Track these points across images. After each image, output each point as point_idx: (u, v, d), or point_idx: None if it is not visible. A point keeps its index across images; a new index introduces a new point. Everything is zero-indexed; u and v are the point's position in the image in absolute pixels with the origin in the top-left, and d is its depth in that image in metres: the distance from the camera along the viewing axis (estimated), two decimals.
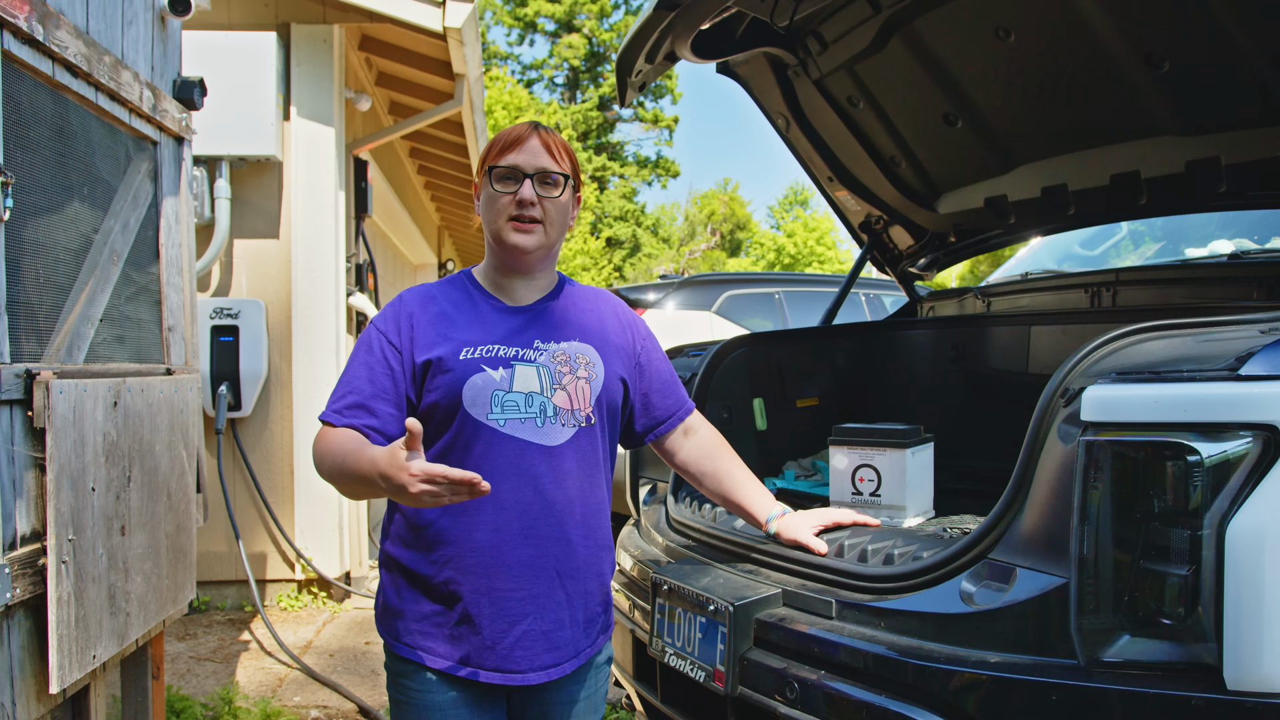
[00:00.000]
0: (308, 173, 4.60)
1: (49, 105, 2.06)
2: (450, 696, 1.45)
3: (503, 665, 1.44)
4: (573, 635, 1.50)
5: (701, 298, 6.37)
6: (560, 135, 1.54)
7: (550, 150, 1.49)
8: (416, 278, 9.99)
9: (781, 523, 1.75)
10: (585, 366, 1.51)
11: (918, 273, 3.40)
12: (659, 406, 1.69)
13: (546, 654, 1.46)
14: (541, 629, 1.45)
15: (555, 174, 1.48)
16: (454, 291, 1.56)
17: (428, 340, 1.46)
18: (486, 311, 1.52)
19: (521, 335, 1.50)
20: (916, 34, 2.47)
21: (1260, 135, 2.19)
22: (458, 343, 1.46)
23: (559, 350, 1.50)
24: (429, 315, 1.49)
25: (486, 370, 1.44)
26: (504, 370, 1.45)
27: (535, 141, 1.48)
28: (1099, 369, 1.30)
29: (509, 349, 1.47)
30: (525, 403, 1.44)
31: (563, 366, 1.49)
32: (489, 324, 1.50)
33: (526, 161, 1.47)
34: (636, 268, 31.40)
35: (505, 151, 1.48)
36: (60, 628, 1.84)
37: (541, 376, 1.47)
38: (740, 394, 2.65)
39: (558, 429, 1.46)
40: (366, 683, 3.55)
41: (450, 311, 1.51)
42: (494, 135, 1.85)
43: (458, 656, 1.44)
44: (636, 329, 1.68)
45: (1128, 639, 1.17)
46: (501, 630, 1.43)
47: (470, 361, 1.44)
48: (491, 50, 32.30)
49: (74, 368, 2.08)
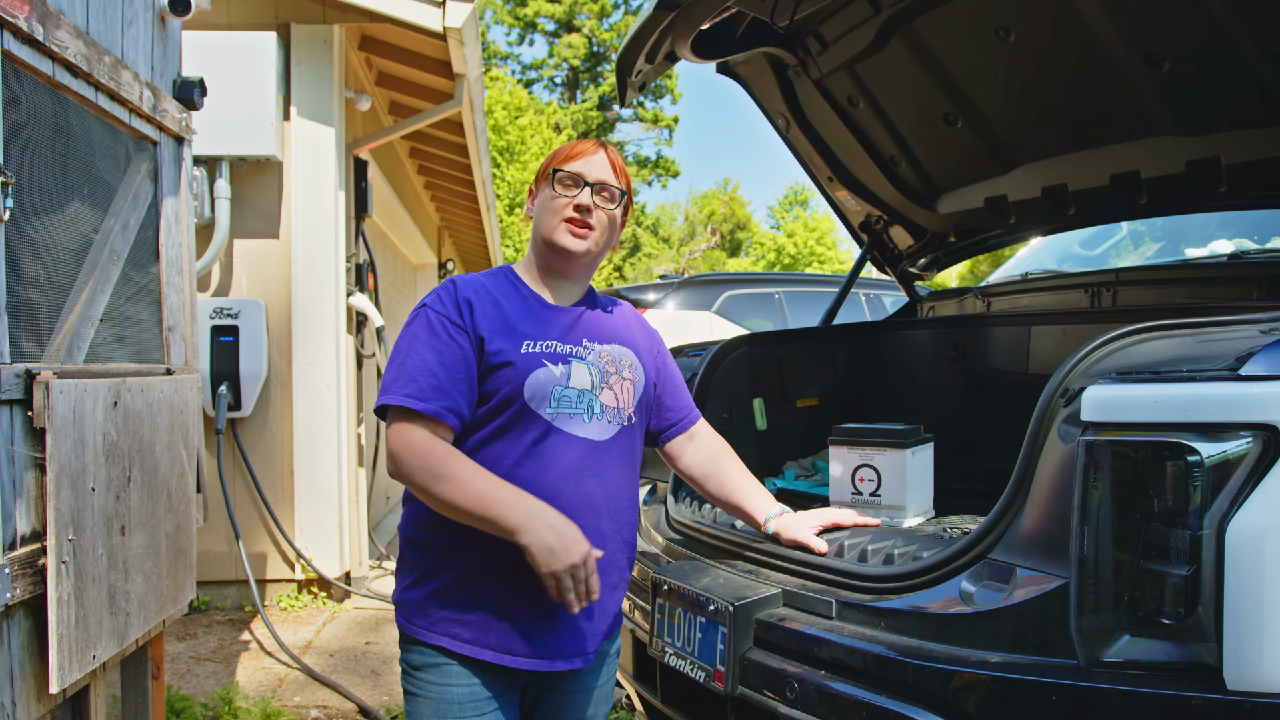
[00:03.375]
0: (308, 173, 4.60)
1: (49, 105, 2.06)
2: (470, 688, 1.46)
3: (534, 652, 1.46)
4: (599, 626, 1.54)
5: (701, 298, 6.38)
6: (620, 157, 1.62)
7: (614, 167, 1.58)
8: (416, 278, 9.99)
9: (780, 522, 1.76)
10: (629, 369, 1.58)
11: (918, 273, 3.41)
12: (671, 409, 1.74)
13: (574, 642, 1.49)
14: (572, 618, 1.48)
15: (614, 188, 1.56)
16: (501, 284, 1.58)
17: (488, 327, 1.48)
18: (536, 308, 1.56)
19: (571, 334, 1.55)
20: (916, 34, 2.47)
21: (1260, 135, 2.19)
22: (518, 336, 1.49)
23: (605, 351, 1.56)
24: (483, 302, 1.51)
25: (548, 365, 1.47)
26: (562, 366, 1.49)
27: (601, 156, 1.57)
28: (1099, 369, 1.30)
29: (564, 346, 1.52)
30: (578, 399, 1.49)
31: (610, 367, 1.55)
32: (542, 320, 1.54)
33: (589, 171, 1.55)
34: (636, 268, 31.40)
35: (571, 159, 1.56)
36: (60, 628, 1.84)
37: (592, 374, 1.52)
38: (740, 394, 2.65)
39: (604, 426, 1.51)
40: (366, 683, 3.55)
41: (501, 302, 1.53)
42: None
43: (485, 643, 1.45)
44: (654, 337, 1.76)
45: (1128, 639, 1.17)
46: (537, 617, 1.46)
47: (532, 355, 1.47)
48: (491, 50, 32.31)
49: (74, 368, 2.08)
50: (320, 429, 4.60)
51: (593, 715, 1.62)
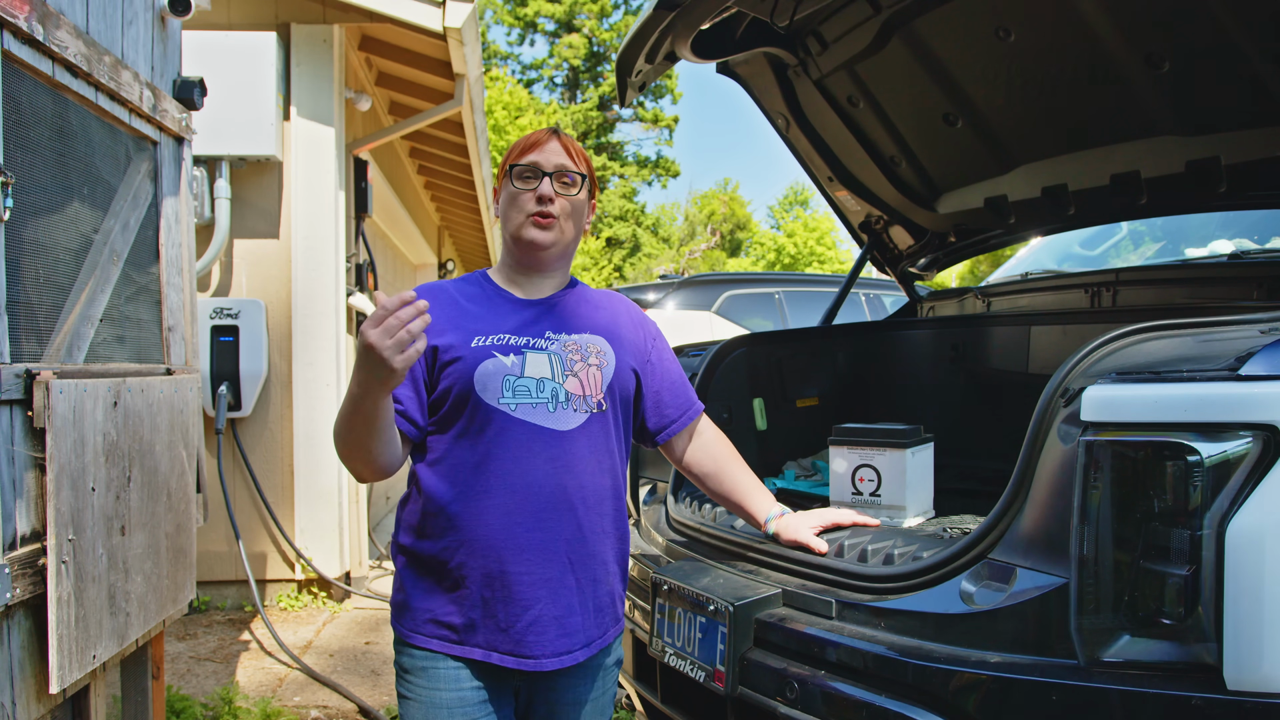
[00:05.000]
0: (308, 173, 4.60)
1: (49, 105, 2.06)
2: (462, 692, 1.46)
3: (517, 650, 1.45)
4: (584, 622, 1.51)
5: (701, 298, 6.38)
6: (576, 141, 1.62)
7: (568, 151, 1.57)
8: (416, 278, 9.99)
9: (780, 522, 1.76)
10: (596, 355, 1.56)
11: (918, 273, 3.40)
12: (670, 405, 1.72)
13: (559, 640, 1.47)
14: (554, 614, 1.47)
15: (573, 173, 1.56)
16: (468, 287, 1.60)
17: (438, 327, 1.49)
18: (500, 304, 1.57)
19: (533, 326, 1.54)
20: (916, 34, 2.47)
21: (1260, 135, 2.19)
22: (469, 331, 1.50)
23: (570, 340, 1.55)
24: (439, 304, 1.53)
25: (498, 356, 1.47)
26: (515, 357, 1.48)
27: (555, 143, 1.57)
28: (1099, 369, 1.30)
29: (520, 338, 1.51)
30: (536, 388, 1.48)
31: (574, 355, 1.53)
32: (501, 315, 1.54)
33: (546, 160, 1.54)
34: (636, 268, 31.40)
35: (525, 152, 1.56)
36: (60, 628, 1.84)
37: (553, 363, 1.50)
38: (740, 394, 2.65)
39: (569, 414, 1.49)
40: (366, 683, 3.55)
41: (462, 303, 1.55)
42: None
43: (472, 641, 1.45)
44: (647, 328, 1.73)
45: (1128, 639, 1.17)
46: (515, 614, 1.45)
47: (482, 349, 1.48)
48: (491, 50, 32.30)
49: (74, 368, 2.08)
50: (320, 429, 4.60)
51: None
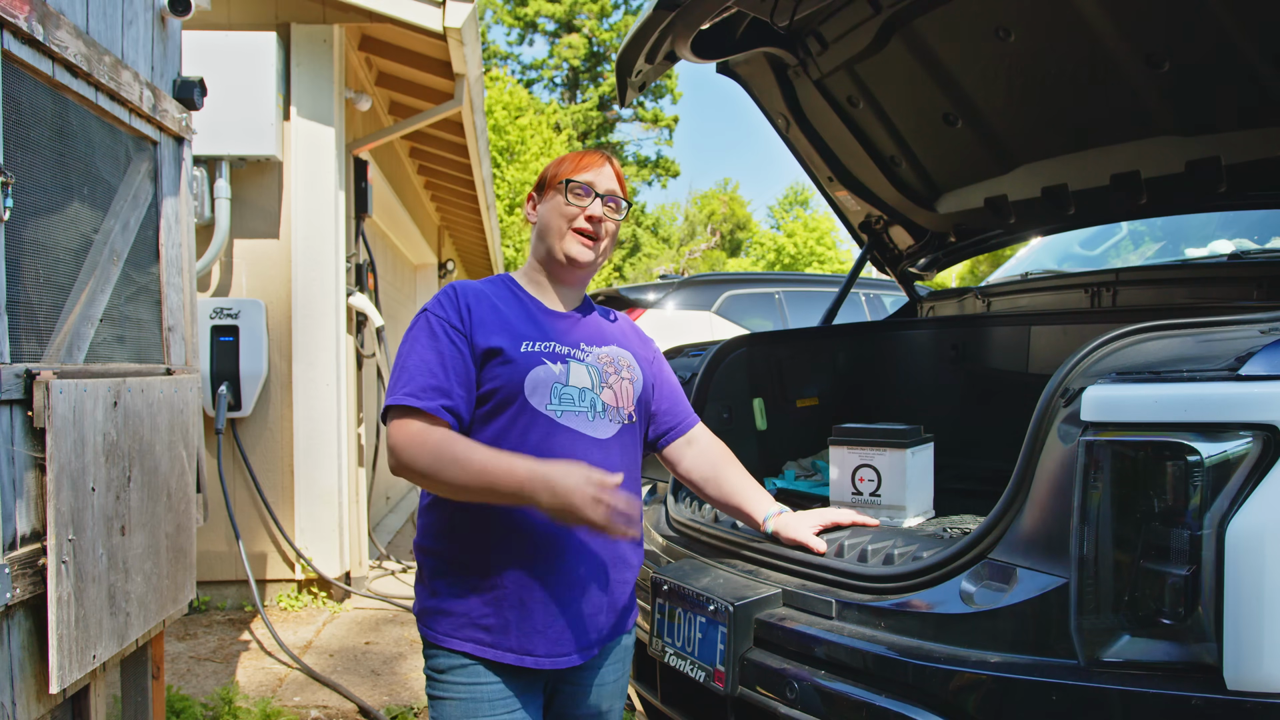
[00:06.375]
0: (308, 173, 4.60)
1: (49, 105, 2.06)
2: (496, 688, 1.47)
3: (553, 650, 1.48)
4: (609, 620, 1.56)
5: (701, 298, 6.37)
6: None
7: (619, 179, 1.65)
8: (416, 278, 9.99)
9: (779, 521, 1.77)
10: (627, 369, 1.62)
11: (918, 273, 3.40)
12: (668, 415, 1.77)
13: (589, 635, 1.52)
14: (587, 613, 1.50)
15: (620, 200, 1.63)
16: (500, 290, 1.63)
17: (486, 329, 1.51)
18: (535, 313, 1.60)
19: (569, 336, 1.59)
20: (916, 34, 2.47)
21: (1260, 135, 2.19)
22: (516, 336, 1.52)
23: (602, 353, 1.60)
24: (484, 306, 1.55)
25: (547, 364, 1.51)
26: (561, 365, 1.52)
27: (609, 169, 1.63)
28: (1099, 369, 1.30)
29: (563, 347, 1.55)
30: (579, 397, 1.52)
31: (608, 367, 1.59)
32: (539, 324, 1.58)
33: (600, 182, 1.60)
34: (636, 268, 31.40)
35: (580, 170, 1.60)
36: (60, 628, 1.84)
37: (591, 375, 1.55)
38: (740, 394, 2.65)
39: (605, 424, 1.54)
40: (366, 683, 3.55)
41: (501, 308, 1.57)
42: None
43: (507, 645, 1.47)
44: (649, 343, 1.80)
45: (1128, 639, 1.17)
46: (552, 615, 1.47)
47: (531, 354, 1.51)
48: (491, 50, 32.30)
49: (74, 368, 2.08)
50: (320, 429, 4.60)
51: (608, 710, 1.64)
